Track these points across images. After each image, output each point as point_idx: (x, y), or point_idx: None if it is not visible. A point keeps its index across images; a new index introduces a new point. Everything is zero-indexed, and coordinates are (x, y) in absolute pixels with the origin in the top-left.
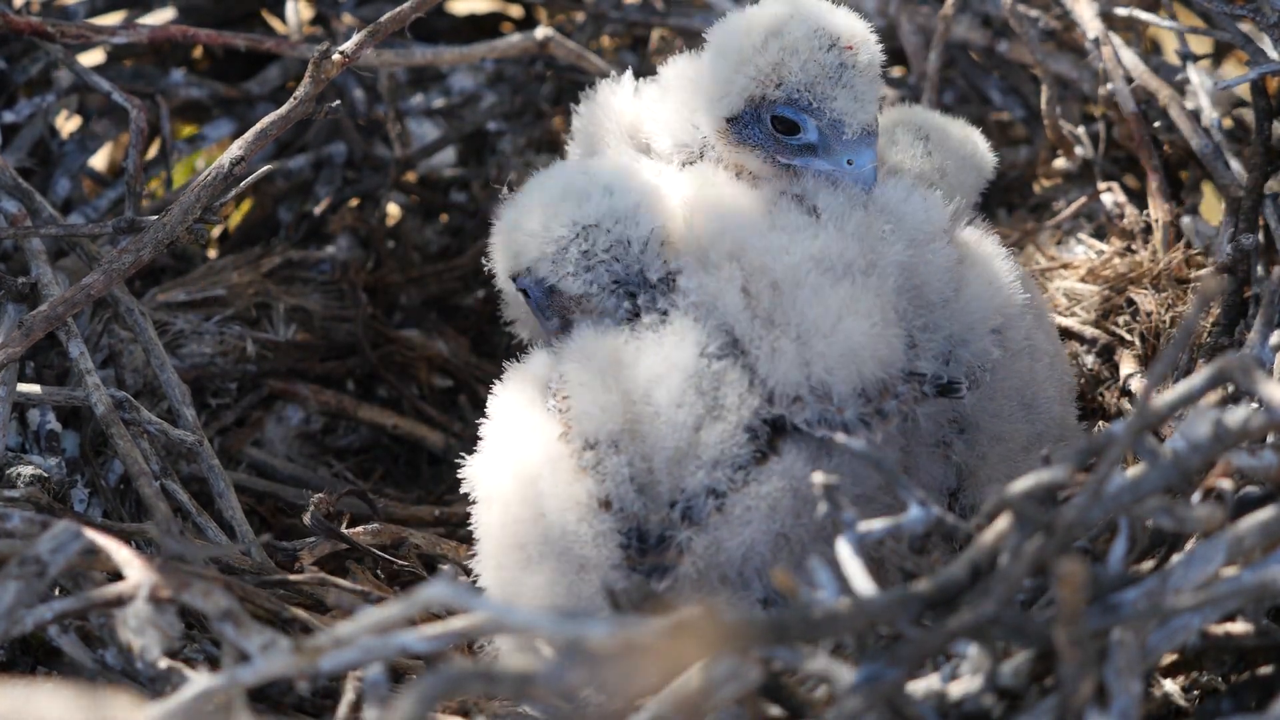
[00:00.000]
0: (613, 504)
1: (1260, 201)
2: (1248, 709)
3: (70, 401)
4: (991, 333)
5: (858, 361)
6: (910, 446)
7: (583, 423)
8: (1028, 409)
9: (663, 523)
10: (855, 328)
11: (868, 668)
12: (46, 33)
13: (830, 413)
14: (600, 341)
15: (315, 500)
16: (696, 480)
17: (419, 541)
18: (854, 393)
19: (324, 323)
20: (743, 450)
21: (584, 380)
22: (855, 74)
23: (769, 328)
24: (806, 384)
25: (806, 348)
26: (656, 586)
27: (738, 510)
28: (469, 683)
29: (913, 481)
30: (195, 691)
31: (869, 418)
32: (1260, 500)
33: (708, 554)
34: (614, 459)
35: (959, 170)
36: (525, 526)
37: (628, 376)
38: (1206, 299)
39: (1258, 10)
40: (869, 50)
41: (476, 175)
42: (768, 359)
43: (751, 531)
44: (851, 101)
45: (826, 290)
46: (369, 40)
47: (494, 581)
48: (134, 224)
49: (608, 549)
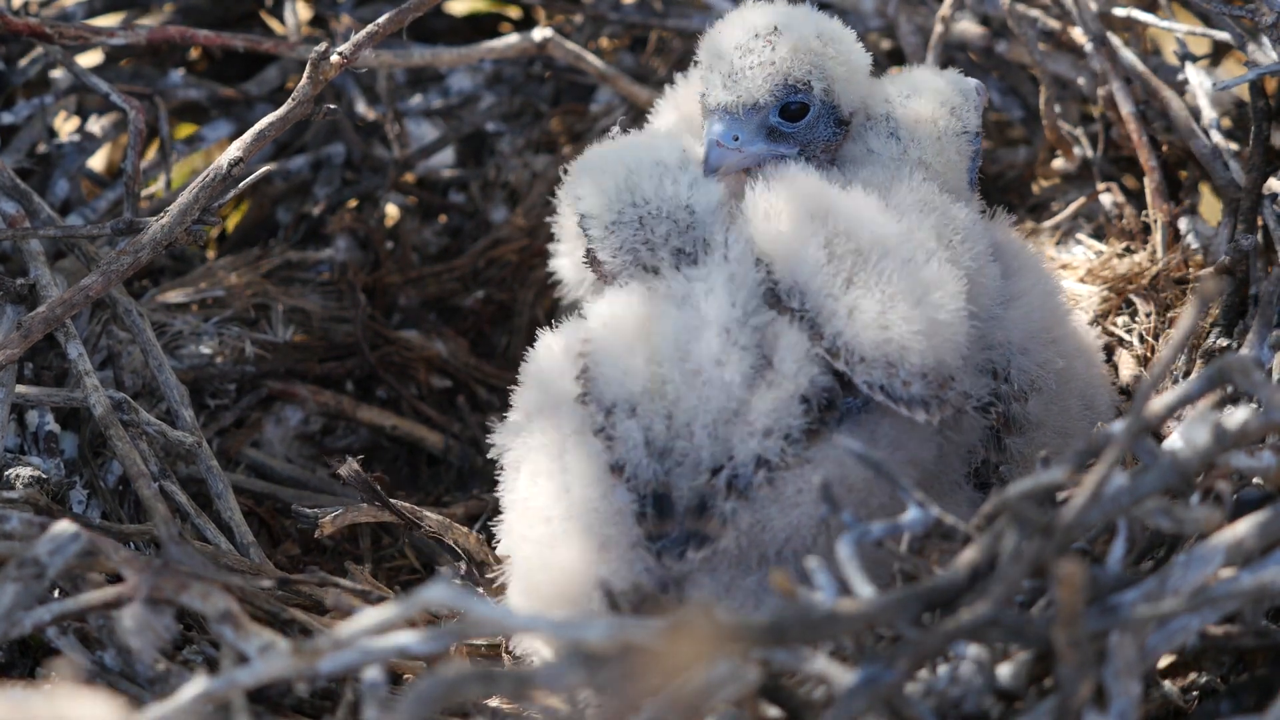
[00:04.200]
0: (625, 469)
1: (1259, 202)
2: (1246, 710)
3: (69, 403)
4: (1051, 342)
5: (938, 339)
6: (944, 442)
7: (600, 387)
8: (1089, 409)
9: (702, 490)
10: (942, 304)
11: (867, 669)
12: (45, 34)
13: (896, 384)
14: (629, 301)
15: (351, 460)
16: (747, 448)
17: (433, 523)
18: (921, 371)
19: (323, 324)
20: (797, 421)
21: (607, 342)
22: (743, 57)
23: (849, 286)
24: (880, 349)
25: (890, 312)
26: (692, 555)
27: (789, 490)
28: (468, 684)
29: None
30: (194, 693)
31: (930, 399)
32: (1259, 501)
33: (753, 531)
34: (627, 423)
35: (938, 155)
36: (550, 500)
37: (656, 332)
38: (1205, 300)
39: (1256, 10)
40: (784, 46)
41: (475, 176)
42: (844, 316)
43: (800, 514)
44: (718, 79)
45: (919, 263)
46: (367, 41)
47: (519, 555)
48: (132, 225)
49: (625, 524)
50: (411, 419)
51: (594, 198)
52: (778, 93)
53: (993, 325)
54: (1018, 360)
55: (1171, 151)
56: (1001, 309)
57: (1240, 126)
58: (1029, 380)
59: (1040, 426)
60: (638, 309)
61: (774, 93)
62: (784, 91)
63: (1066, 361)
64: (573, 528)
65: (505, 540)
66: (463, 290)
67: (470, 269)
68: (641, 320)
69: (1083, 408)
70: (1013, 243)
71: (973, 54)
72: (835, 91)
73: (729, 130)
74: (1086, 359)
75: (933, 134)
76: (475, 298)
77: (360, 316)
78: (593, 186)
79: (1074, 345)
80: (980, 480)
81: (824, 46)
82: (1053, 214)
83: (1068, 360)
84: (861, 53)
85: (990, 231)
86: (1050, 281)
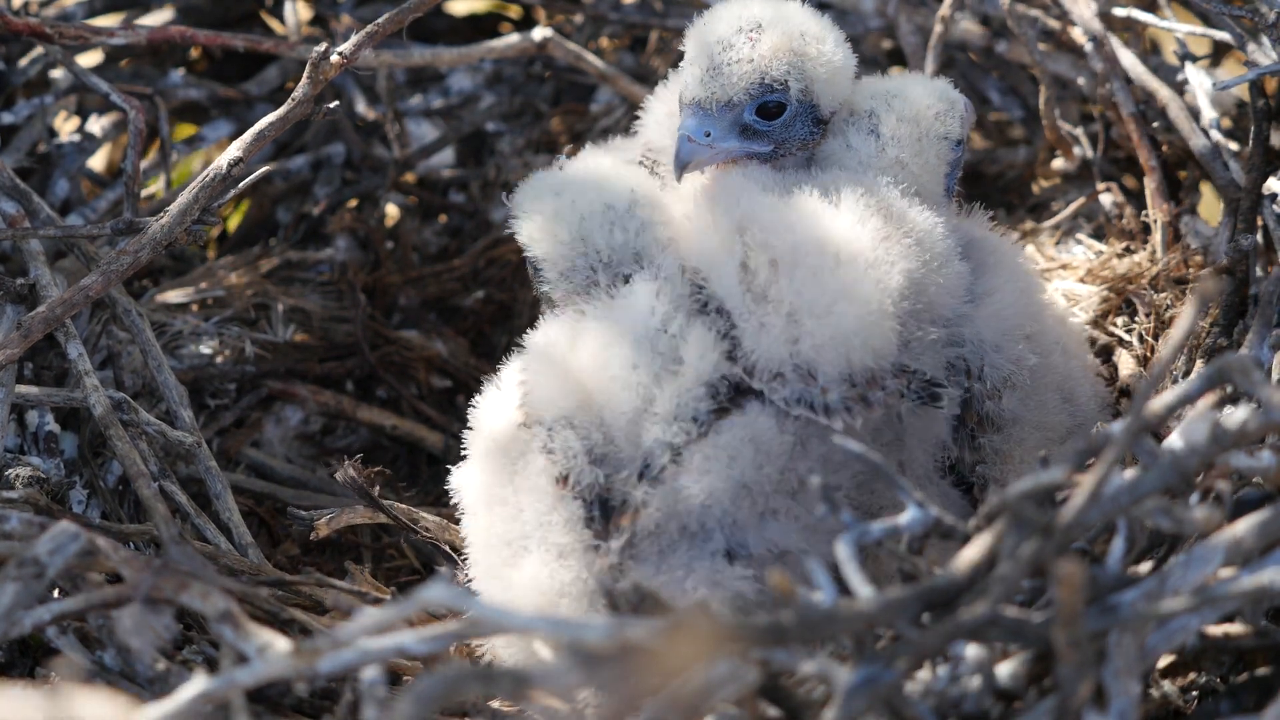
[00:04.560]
0: (569, 479)
1: (1259, 202)
2: (1246, 710)
3: (69, 403)
4: (1025, 338)
5: (848, 346)
6: (905, 437)
7: (538, 406)
8: (1068, 402)
9: (623, 485)
10: (849, 311)
11: (866, 669)
12: (45, 34)
13: (813, 393)
14: (561, 326)
15: (349, 463)
16: (651, 436)
17: (430, 525)
18: (840, 377)
19: (323, 324)
20: (701, 404)
21: (539, 365)
22: (723, 52)
23: (760, 303)
24: (790, 361)
25: (796, 325)
26: (613, 546)
27: (696, 460)
28: (467, 684)
29: (907, 468)
30: (193, 693)
31: (852, 403)
32: (1258, 501)
33: (665, 504)
34: (565, 433)
35: (916, 155)
36: (507, 524)
37: (583, 348)
38: (1205, 300)
39: (1256, 10)
40: (765, 44)
41: (475, 176)
42: (754, 333)
43: (711, 480)
44: (697, 73)
45: (826, 273)
46: (367, 41)
47: (486, 582)
48: (132, 225)
49: (577, 531)
50: (411, 419)
51: (547, 244)
52: (753, 90)
53: (961, 323)
54: (990, 357)
55: (1171, 151)
56: (971, 307)
57: (1240, 126)
58: (1002, 377)
59: (1017, 422)
60: (569, 331)
61: (749, 91)
62: (760, 90)
63: (1042, 357)
64: (530, 544)
65: (474, 572)
66: (463, 290)
67: (470, 269)
68: (571, 340)
69: (1061, 401)
70: (988, 239)
71: (973, 54)
72: (814, 91)
73: (701, 126)
74: (1065, 352)
75: (914, 134)
76: (475, 298)
77: (360, 316)
78: (544, 232)
79: (1050, 340)
80: (959, 479)
81: (806, 46)
82: (1053, 214)
83: (1044, 355)
84: (846, 53)
85: (965, 229)
86: (1026, 278)
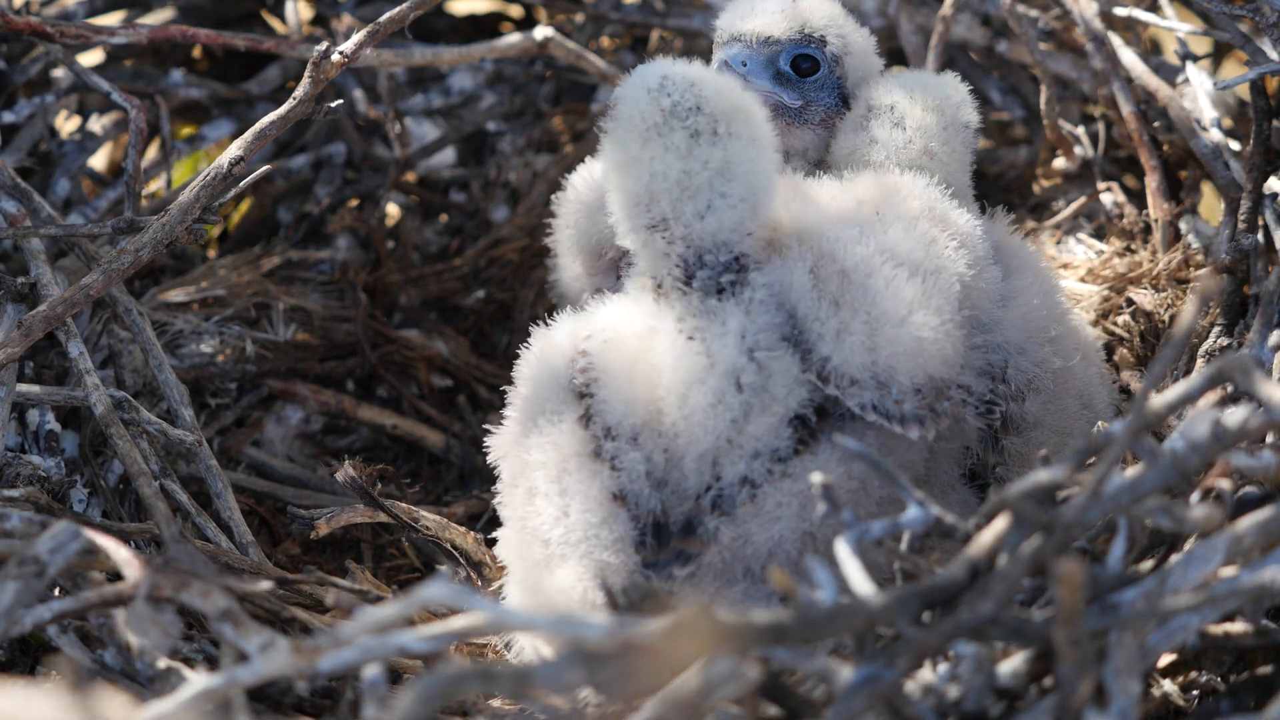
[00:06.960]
0: (628, 499)
1: (1260, 201)
2: (1246, 709)
3: (69, 401)
4: (1049, 341)
5: (924, 356)
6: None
7: (604, 414)
8: (1087, 408)
9: (689, 512)
10: (926, 322)
11: (866, 668)
12: (46, 33)
13: (888, 402)
14: (631, 318)
15: (349, 462)
16: (735, 470)
17: (430, 524)
18: (913, 387)
19: (324, 323)
20: (785, 442)
21: (609, 369)
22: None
23: (836, 309)
24: (870, 370)
25: (876, 334)
26: (678, 573)
27: (769, 504)
28: (468, 682)
29: (932, 474)
30: (194, 691)
31: (923, 413)
32: (1259, 500)
33: (734, 545)
34: (631, 454)
35: (944, 144)
36: (549, 522)
37: (660, 369)
38: (1206, 299)
39: (1257, 10)
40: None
41: (476, 175)
42: (833, 338)
43: (781, 528)
44: (740, 8)
45: (901, 282)
46: (368, 40)
47: (516, 570)
48: (133, 224)
49: (627, 553)
50: (412, 418)
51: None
52: (794, 34)
53: (993, 327)
54: (1015, 360)
55: (1172, 151)
56: (1000, 310)
57: (1241, 126)
58: (1026, 380)
59: (1038, 426)
60: (638, 324)
61: (790, 34)
62: (800, 38)
63: (1064, 361)
64: (570, 552)
65: (502, 554)
66: (463, 289)
67: (471, 268)
68: (641, 337)
69: (1080, 407)
70: (1011, 242)
71: (974, 54)
72: (845, 63)
73: (739, 56)
74: (1085, 358)
75: (940, 124)
76: (476, 297)
77: (361, 316)
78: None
79: (1072, 344)
80: (976, 480)
81: (843, 15)
82: (1053, 213)
83: (1065, 359)
84: (872, 41)
85: (991, 231)
86: (1048, 281)
